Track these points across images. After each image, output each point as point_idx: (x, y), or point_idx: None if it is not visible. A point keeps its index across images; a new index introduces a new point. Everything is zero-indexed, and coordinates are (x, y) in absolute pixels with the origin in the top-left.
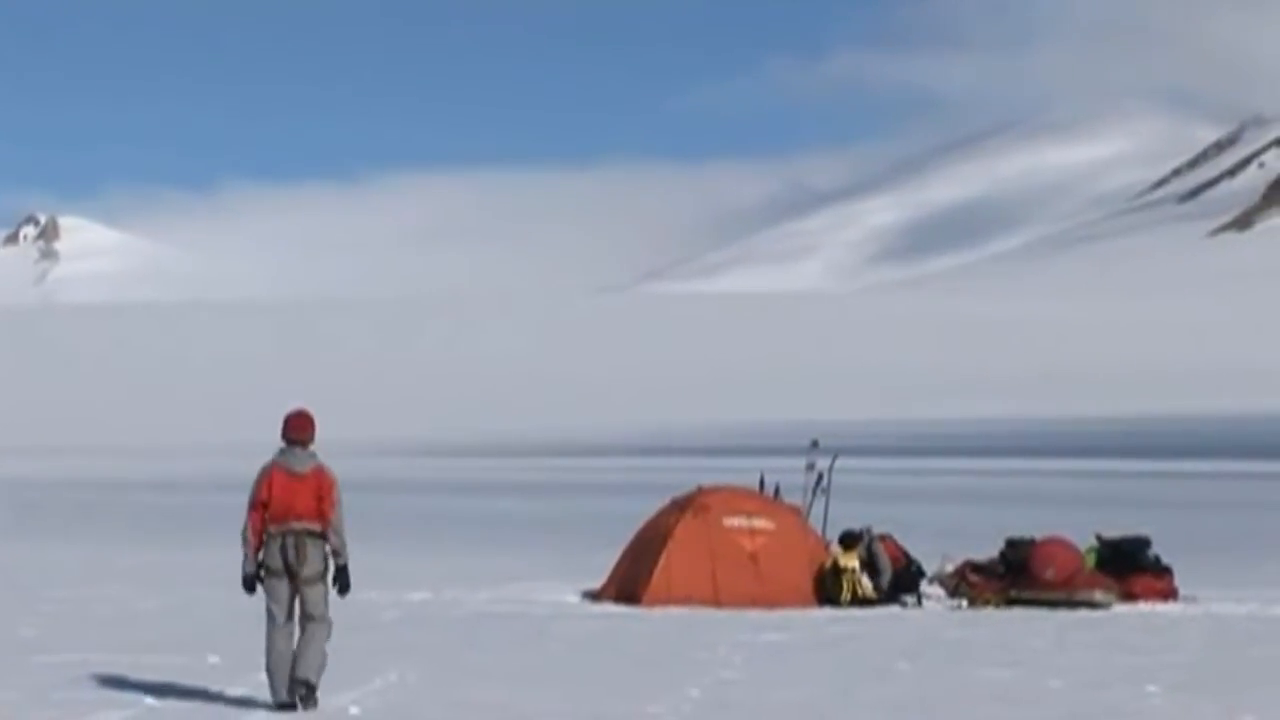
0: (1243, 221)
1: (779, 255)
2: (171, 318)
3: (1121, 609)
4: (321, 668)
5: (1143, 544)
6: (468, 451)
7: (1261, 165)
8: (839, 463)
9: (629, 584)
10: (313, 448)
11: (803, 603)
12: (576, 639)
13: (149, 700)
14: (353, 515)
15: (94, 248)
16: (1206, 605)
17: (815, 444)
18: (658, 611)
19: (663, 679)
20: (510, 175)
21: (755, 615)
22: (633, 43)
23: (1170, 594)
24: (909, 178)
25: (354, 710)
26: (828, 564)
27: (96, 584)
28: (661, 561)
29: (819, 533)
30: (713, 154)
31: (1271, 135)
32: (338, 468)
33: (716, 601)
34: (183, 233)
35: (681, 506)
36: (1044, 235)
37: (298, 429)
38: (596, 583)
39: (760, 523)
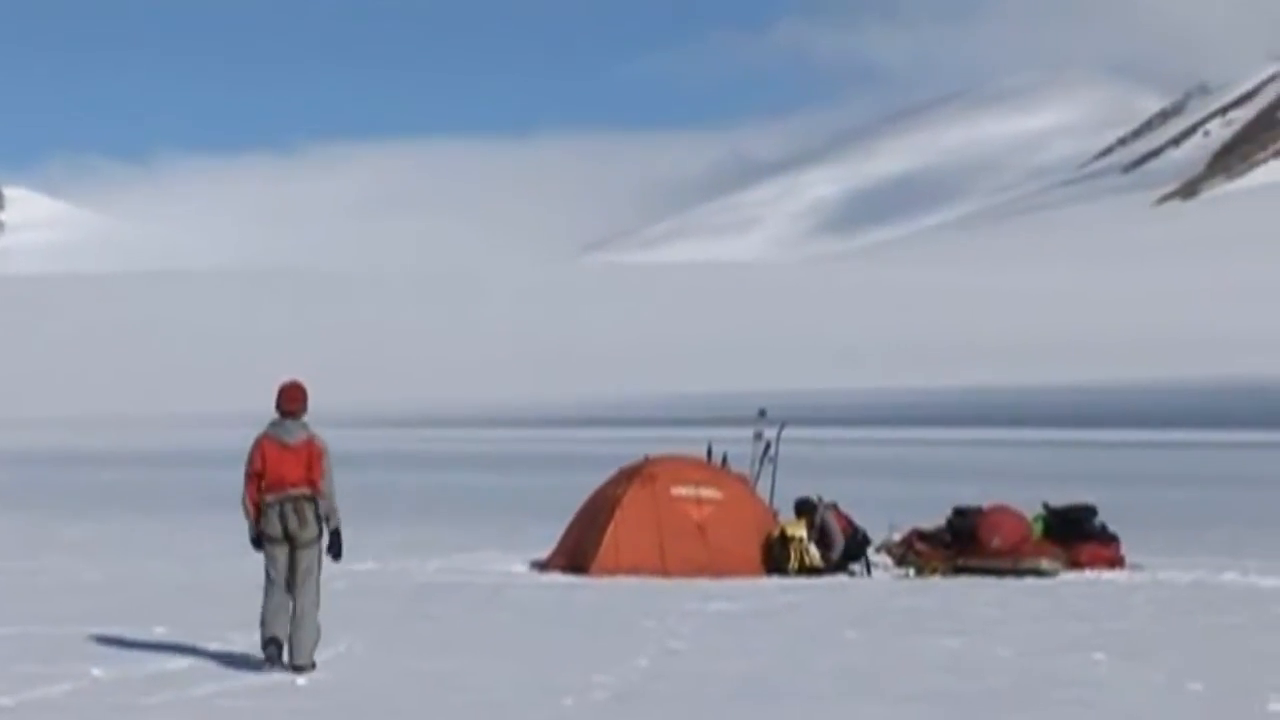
0: (1187, 190)
1: (721, 227)
2: (118, 288)
3: (1068, 577)
4: (315, 645)
5: (1089, 512)
6: (410, 422)
7: (1206, 134)
8: (785, 432)
9: (577, 554)
10: (305, 418)
11: (750, 572)
12: (524, 608)
13: (95, 671)
14: None
15: (39, 219)
16: (1153, 573)
17: (762, 413)
18: (605, 581)
19: (610, 648)
20: (450, 145)
21: (703, 584)
22: (574, 12)
23: (1117, 562)
24: (851, 149)
25: (301, 682)
26: (775, 533)
27: (39, 555)
28: (609, 531)
29: (766, 502)
30: (654, 124)
31: (1216, 104)
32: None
33: (664, 571)
34: (124, 203)
35: (629, 476)
36: (987, 206)
37: (290, 400)
38: (544, 552)
39: (708, 492)
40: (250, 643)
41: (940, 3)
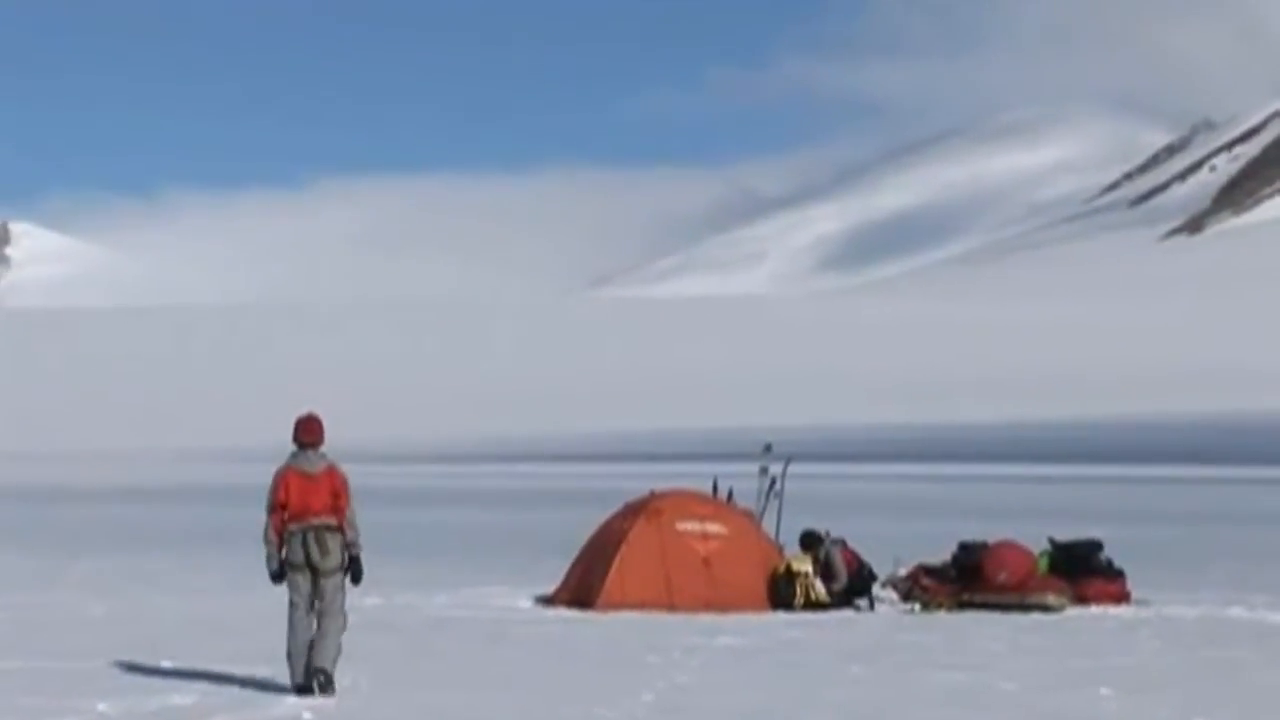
0: (1193, 225)
1: (726, 262)
2: (127, 323)
3: (1074, 612)
4: (336, 658)
5: (1095, 547)
6: (417, 457)
7: (1213, 169)
8: (791, 467)
9: (582, 589)
10: (323, 449)
11: (756, 606)
12: (530, 643)
13: (102, 706)
14: None
15: (45, 253)
16: (1159, 608)
17: (768, 448)
18: (611, 616)
19: (616, 683)
20: (454, 181)
21: (708, 619)
22: (578, 50)
23: (1123, 597)
24: (855, 184)
25: (308, 716)
26: (781, 568)
27: (46, 591)
28: (615, 566)
29: (772, 537)
30: (657, 160)
31: (1222, 139)
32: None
33: (670, 605)
34: (128, 238)
35: (635, 511)
36: (992, 241)
37: (308, 433)
38: (550, 587)
39: (713, 527)
40: (256, 676)
41: (942, 38)
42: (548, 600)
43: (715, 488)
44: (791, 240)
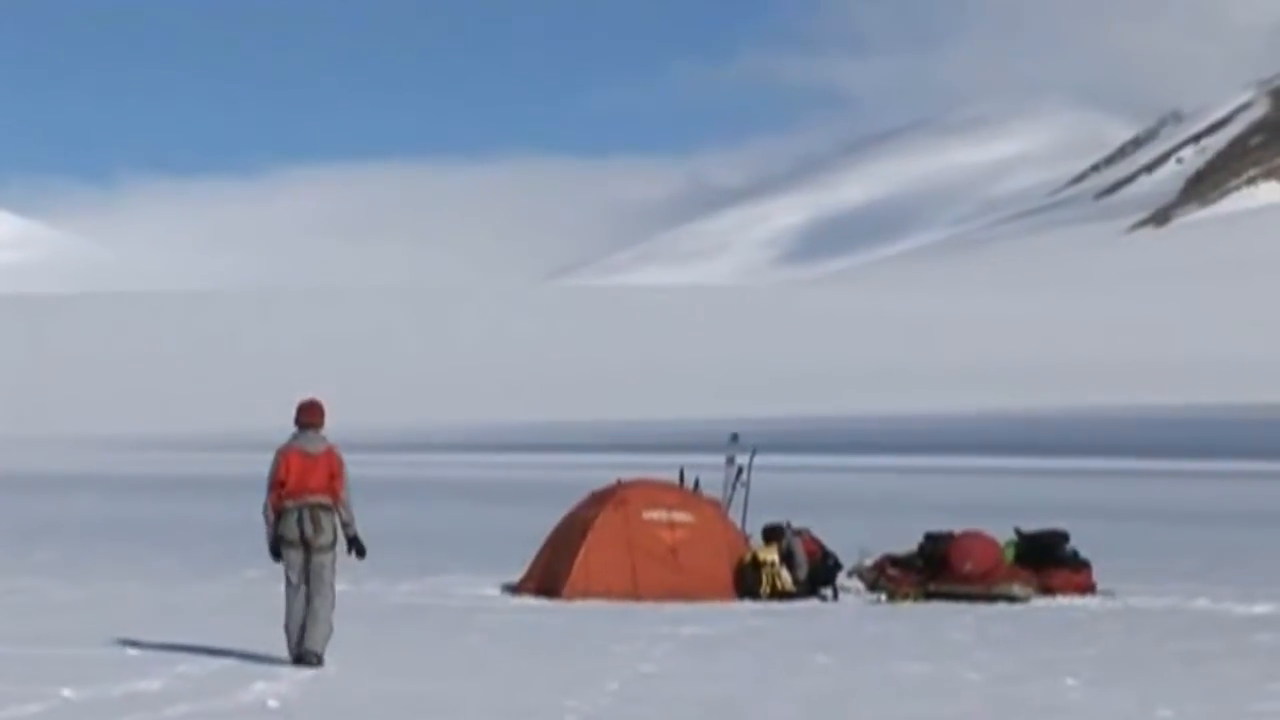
0: (1160, 218)
1: (686, 254)
2: (96, 309)
3: (1040, 602)
4: (327, 638)
5: (1061, 538)
6: (381, 445)
7: (1179, 161)
8: (757, 458)
9: (548, 577)
10: (323, 432)
11: (722, 596)
12: (495, 632)
13: (66, 692)
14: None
15: (10, 239)
16: (1125, 599)
17: (735, 438)
18: (577, 604)
19: (581, 672)
20: (411, 169)
21: (674, 608)
22: (538, 40)
23: (1088, 588)
24: (816, 177)
25: (273, 703)
26: (747, 557)
27: (11, 576)
28: (581, 554)
29: (738, 526)
30: (617, 151)
31: (1189, 132)
32: (249, 459)
33: (636, 594)
34: (89, 224)
35: (601, 499)
36: (956, 234)
37: (310, 414)
38: (516, 576)
39: (680, 516)
40: (223, 663)
41: (904, 31)
42: (514, 589)
43: (682, 477)
44: (751, 233)
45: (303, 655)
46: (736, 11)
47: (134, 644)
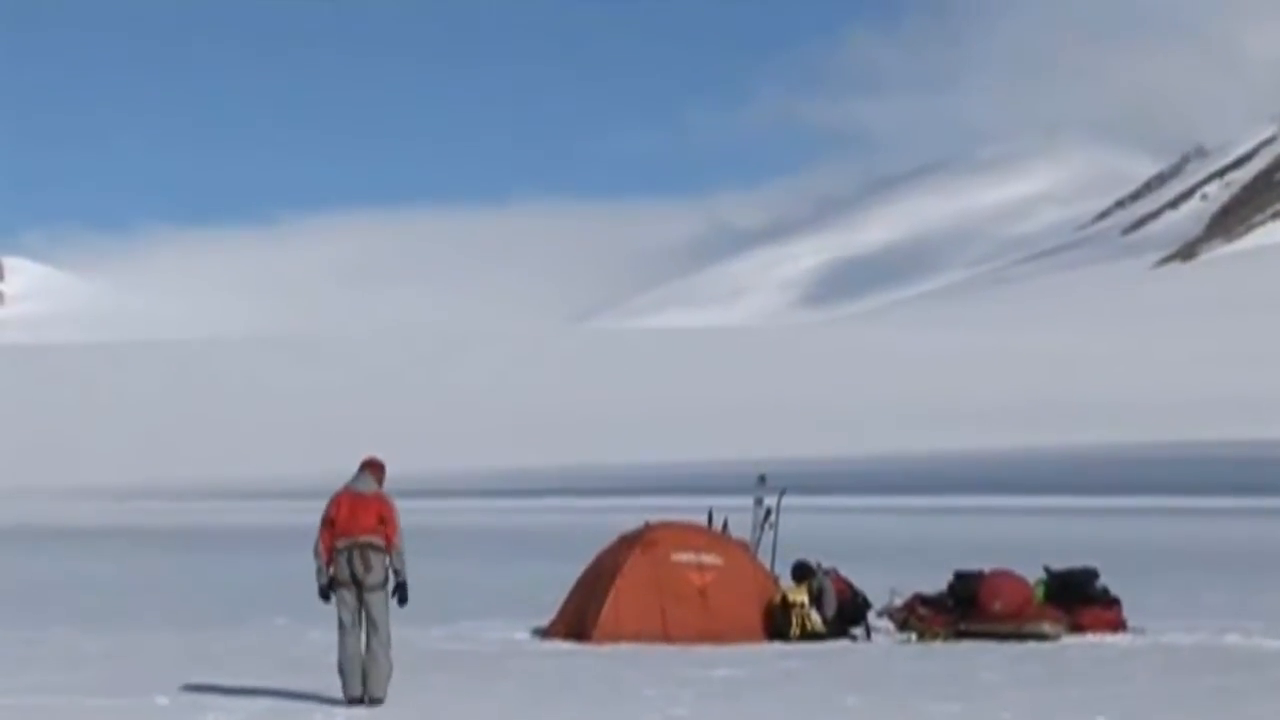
0: (1186, 253)
1: (705, 297)
2: (126, 357)
3: (1070, 641)
4: (388, 678)
5: (1091, 575)
6: (400, 492)
7: (1204, 197)
8: (785, 499)
9: (578, 621)
10: (383, 488)
11: (752, 638)
12: (526, 677)
13: None
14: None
15: (36, 289)
16: (1155, 636)
17: (763, 479)
18: (607, 648)
19: (613, 716)
20: (431, 215)
21: (704, 650)
22: (556, 83)
23: (1119, 625)
24: (837, 219)
25: None
26: (776, 599)
27: (41, 626)
28: (610, 598)
29: (767, 568)
30: (635, 195)
31: (1214, 167)
32: (276, 507)
33: (666, 637)
34: (109, 273)
35: (630, 542)
36: (981, 271)
37: (372, 466)
38: (546, 620)
39: (709, 558)
40: (251, 713)
41: (924, 71)
42: (544, 633)
43: (710, 519)
44: (772, 275)
45: (366, 699)
46: (754, 53)
47: (163, 693)
